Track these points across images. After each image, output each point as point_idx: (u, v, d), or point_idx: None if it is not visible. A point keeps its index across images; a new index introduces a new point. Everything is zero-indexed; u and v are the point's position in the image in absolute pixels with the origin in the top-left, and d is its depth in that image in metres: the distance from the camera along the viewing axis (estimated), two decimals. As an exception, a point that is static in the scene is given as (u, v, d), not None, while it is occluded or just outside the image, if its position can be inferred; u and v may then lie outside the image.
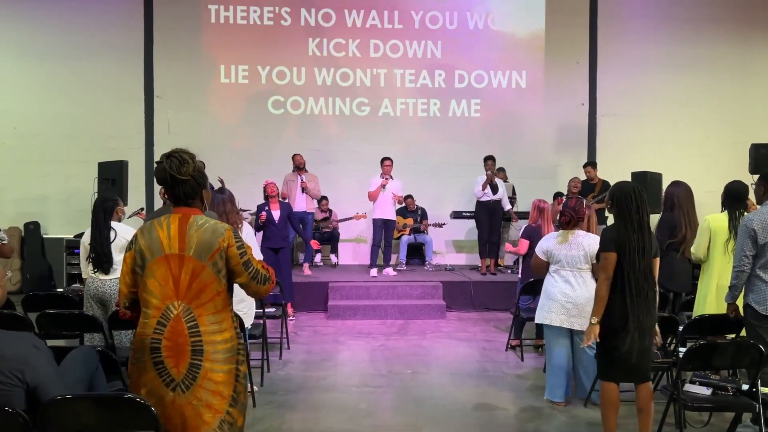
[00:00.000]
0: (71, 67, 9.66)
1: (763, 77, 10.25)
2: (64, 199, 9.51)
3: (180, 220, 2.58)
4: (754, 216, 4.04)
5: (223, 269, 2.55)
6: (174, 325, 2.49)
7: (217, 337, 2.54)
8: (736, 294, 4.12)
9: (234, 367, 2.59)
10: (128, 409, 2.50)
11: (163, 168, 2.57)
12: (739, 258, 4.04)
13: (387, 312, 7.68)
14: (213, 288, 2.54)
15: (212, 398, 2.52)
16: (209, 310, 2.53)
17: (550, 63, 10.19)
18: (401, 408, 4.69)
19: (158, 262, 2.53)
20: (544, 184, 9.71)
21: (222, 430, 2.55)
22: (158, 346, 2.49)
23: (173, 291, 2.52)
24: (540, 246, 4.82)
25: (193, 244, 2.53)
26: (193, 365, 2.49)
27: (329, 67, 10.04)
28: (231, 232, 2.59)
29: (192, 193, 2.62)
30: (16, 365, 2.46)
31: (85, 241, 4.80)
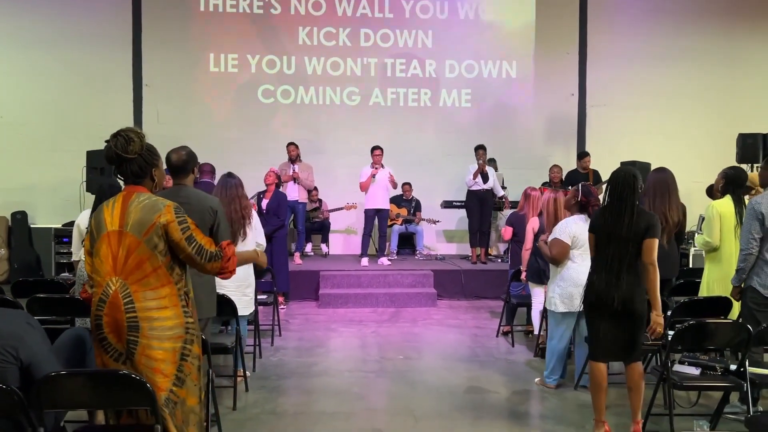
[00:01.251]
0: (58, 56, 9.55)
1: (749, 68, 10.33)
2: (52, 189, 9.42)
3: (124, 197, 2.62)
4: (762, 199, 4.08)
5: (161, 244, 2.56)
6: (112, 301, 2.54)
7: (155, 314, 2.54)
8: (743, 277, 4.16)
9: (180, 345, 2.60)
10: (123, 385, 2.49)
11: (109, 147, 2.60)
12: (747, 240, 4.08)
13: (378, 300, 7.69)
14: (149, 264, 2.55)
15: (153, 375, 2.53)
16: (146, 286, 2.55)
17: (540, 53, 10.21)
18: (394, 392, 4.71)
19: (102, 240, 2.59)
20: (534, 174, 9.69)
21: (168, 407, 2.56)
22: (100, 323, 2.55)
23: (112, 267, 2.56)
24: (564, 231, 4.60)
25: (130, 220, 2.56)
26: (129, 341, 2.53)
27: (319, 56, 10.00)
28: (171, 208, 2.60)
29: (140, 171, 2.65)
30: (9, 342, 2.45)
31: (81, 223, 4.74)
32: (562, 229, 4.65)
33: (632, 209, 3.59)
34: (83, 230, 4.71)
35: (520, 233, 6.10)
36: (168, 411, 2.55)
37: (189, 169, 3.68)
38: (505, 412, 4.31)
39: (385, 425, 4.04)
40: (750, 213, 4.08)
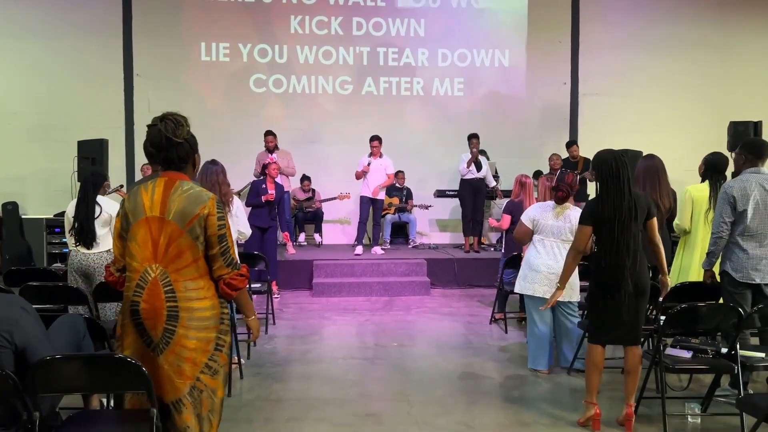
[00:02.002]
0: (49, 46, 9.47)
1: (741, 57, 10.37)
2: (44, 179, 9.37)
3: (165, 183, 2.55)
4: (734, 183, 4.12)
5: (201, 236, 2.51)
6: (152, 287, 2.48)
7: (195, 304, 2.51)
8: (713, 260, 4.20)
9: (214, 335, 2.55)
10: (118, 369, 2.49)
11: (158, 130, 2.53)
12: (718, 224, 4.11)
13: (372, 289, 7.71)
14: (190, 254, 2.50)
15: (183, 364, 2.50)
16: (187, 275, 2.50)
17: (532, 42, 10.21)
18: (388, 378, 4.73)
19: (139, 225, 2.51)
20: (527, 163, 9.71)
21: (192, 396, 2.53)
22: (137, 309, 2.49)
23: (151, 254, 2.50)
24: (527, 214, 4.86)
25: (173, 208, 2.50)
26: (167, 330, 2.48)
27: (311, 45, 9.96)
28: (214, 202, 2.55)
29: (186, 156, 2.59)
30: (4, 326, 2.44)
31: (69, 213, 4.75)
32: (526, 212, 4.93)
33: (630, 188, 3.62)
34: (71, 219, 4.72)
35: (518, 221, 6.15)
36: (192, 399, 2.51)
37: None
38: (498, 397, 4.34)
39: (380, 410, 4.06)
40: (722, 197, 4.11)
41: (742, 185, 4.07)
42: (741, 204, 4.04)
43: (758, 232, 4.06)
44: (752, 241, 4.06)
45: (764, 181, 4.08)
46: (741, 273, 4.06)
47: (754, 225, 4.05)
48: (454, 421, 3.87)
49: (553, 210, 4.74)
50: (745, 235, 4.07)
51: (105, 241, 4.65)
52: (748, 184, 4.07)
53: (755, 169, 4.14)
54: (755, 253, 4.05)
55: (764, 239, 4.06)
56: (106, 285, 4.26)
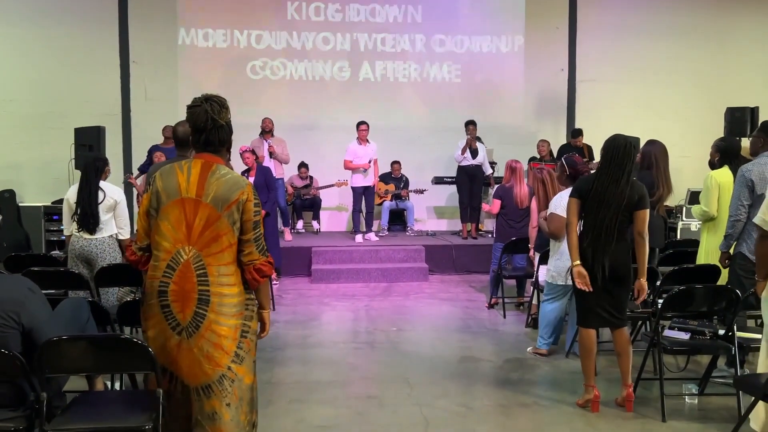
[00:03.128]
0: (45, 33, 9.40)
1: (738, 43, 10.37)
2: (40, 167, 9.33)
3: (203, 166, 2.53)
4: (752, 167, 4.14)
5: (238, 222, 2.49)
6: (183, 270, 2.45)
7: (226, 290, 2.48)
8: (731, 243, 4.23)
9: (240, 322, 2.53)
10: (125, 350, 2.52)
11: (205, 111, 2.51)
12: (736, 207, 4.13)
13: (370, 275, 7.74)
14: (226, 239, 2.48)
15: (213, 350, 2.47)
16: (220, 260, 2.48)
17: (530, 28, 10.18)
18: (388, 361, 4.77)
19: (173, 205, 2.48)
20: (523, 149, 9.70)
21: (221, 385, 2.50)
22: (165, 290, 2.45)
23: (185, 235, 2.47)
24: (560, 205, 4.58)
25: (211, 192, 2.48)
26: (197, 314, 2.45)
27: (309, 31, 9.92)
28: (251, 188, 2.55)
29: (224, 140, 2.59)
30: (11, 307, 2.46)
31: (70, 198, 4.75)
32: (557, 203, 4.69)
33: (629, 177, 3.64)
34: (72, 205, 4.72)
35: (508, 206, 6.18)
36: (220, 388, 2.49)
37: None
38: (498, 379, 4.38)
39: (380, 392, 4.10)
40: (740, 180, 4.14)
41: (760, 168, 4.10)
42: (759, 187, 4.06)
43: None
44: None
45: None
46: None
47: None
48: (454, 403, 3.91)
49: None
50: None
51: (108, 227, 4.65)
52: (766, 168, 4.10)
53: None
54: None
55: None
56: (107, 270, 4.31)
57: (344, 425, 3.58)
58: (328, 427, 3.55)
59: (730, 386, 3.92)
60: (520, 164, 6.28)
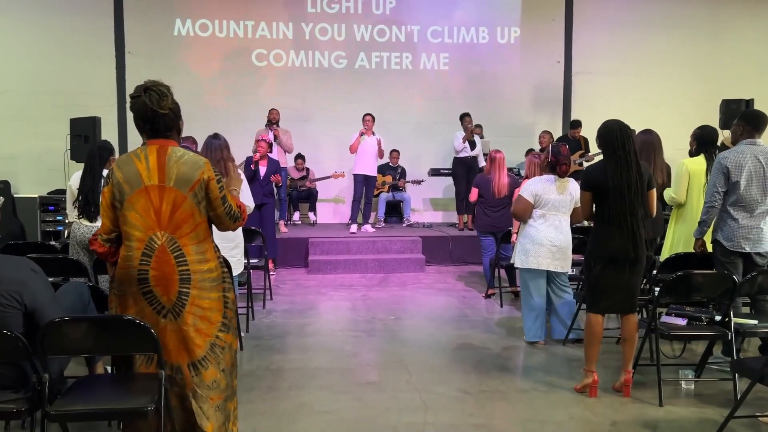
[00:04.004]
0: (38, 23, 9.36)
1: (733, 35, 10.42)
2: (36, 158, 9.30)
3: (158, 151, 2.60)
4: (728, 154, 4.17)
5: (203, 200, 2.61)
6: (160, 255, 2.55)
7: (203, 266, 2.62)
8: (705, 229, 4.26)
9: (221, 294, 2.69)
10: (128, 331, 2.52)
11: (144, 102, 2.57)
12: (711, 194, 4.17)
13: (367, 266, 7.75)
14: (194, 218, 2.60)
15: (201, 323, 2.62)
16: (192, 240, 2.60)
17: (526, 20, 10.20)
18: (387, 349, 4.79)
19: (138, 194, 2.56)
20: (520, 141, 9.80)
21: (214, 353, 2.67)
22: (146, 277, 2.54)
23: (155, 222, 2.56)
24: (528, 189, 4.78)
25: (173, 175, 2.57)
26: (181, 293, 2.57)
27: (307, 22, 9.90)
28: (209, 166, 2.64)
29: (171, 125, 2.66)
30: (14, 287, 2.46)
31: (73, 184, 4.74)
32: (526, 187, 4.85)
33: (637, 159, 3.66)
34: (74, 191, 4.71)
35: (486, 194, 6.22)
36: (214, 356, 2.67)
37: None
38: (495, 366, 4.40)
39: (380, 379, 4.12)
40: (716, 167, 4.17)
41: (737, 156, 4.13)
42: (734, 175, 4.10)
43: (750, 202, 4.12)
44: (743, 212, 4.13)
45: (759, 153, 4.13)
46: (732, 242, 4.14)
47: (746, 196, 4.11)
48: (452, 389, 3.93)
49: (555, 184, 4.75)
50: (737, 206, 4.13)
51: None
52: (743, 156, 4.13)
53: (751, 140, 4.18)
54: (746, 223, 4.12)
55: (755, 210, 4.13)
56: (105, 257, 4.30)
57: (344, 410, 3.59)
58: (328, 411, 3.57)
59: (726, 372, 3.96)
60: (501, 154, 6.30)
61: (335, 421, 3.45)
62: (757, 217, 4.13)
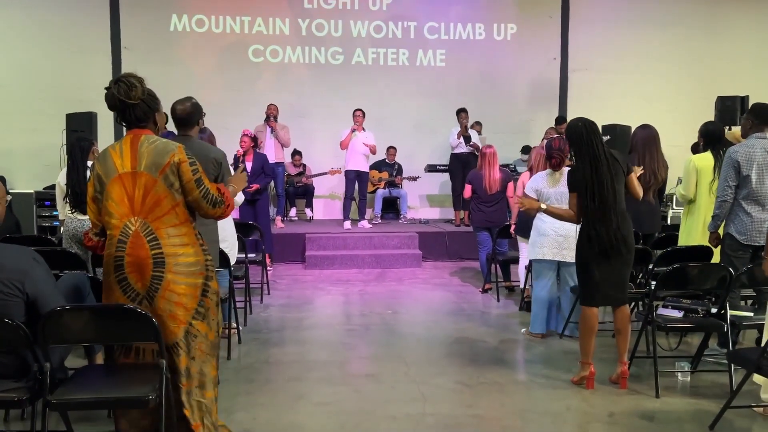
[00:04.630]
0: (35, 17, 9.32)
1: (729, 32, 10.47)
2: (32, 153, 9.26)
3: (131, 140, 2.65)
4: (739, 148, 4.20)
5: (176, 183, 2.61)
6: (134, 240, 2.57)
7: (179, 250, 2.62)
8: (719, 223, 4.29)
9: (201, 282, 2.68)
10: (129, 320, 2.52)
11: (112, 94, 2.61)
12: (723, 188, 4.20)
13: (364, 261, 7.77)
14: (168, 201, 2.60)
15: (176, 309, 2.62)
16: (167, 223, 2.61)
17: (523, 17, 10.22)
18: (385, 342, 4.81)
19: (113, 183, 2.60)
20: (516, 138, 9.82)
21: (186, 340, 2.66)
22: (121, 263, 2.58)
23: (129, 208, 2.59)
24: (530, 186, 4.90)
25: (143, 160, 2.60)
26: (155, 277, 2.58)
27: (304, 18, 9.90)
28: (182, 149, 2.65)
29: (143, 116, 2.67)
30: (15, 276, 2.46)
31: (60, 181, 4.76)
32: (529, 186, 4.96)
33: (606, 154, 3.69)
34: (63, 187, 4.71)
35: (479, 191, 6.24)
36: (185, 343, 2.65)
37: (194, 121, 3.78)
38: (493, 359, 4.42)
39: (378, 371, 4.13)
40: (727, 161, 4.20)
41: (747, 150, 4.15)
42: (745, 169, 4.12)
43: (762, 196, 4.16)
44: (756, 205, 4.17)
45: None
46: (745, 236, 4.17)
47: (758, 189, 4.14)
48: (451, 380, 3.95)
49: (550, 177, 4.79)
50: (749, 199, 4.16)
51: None
52: (753, 150, 4.16)
53: (761, 134, 4.20)
54: (759, 216, 4.16)
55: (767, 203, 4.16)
56: (103, 250, 4.30)
57: (343, 401, 3.61)
58: (327, 403, 3.58)
59: (722, 364, 3.98)
60: (492, 149, 6.31)
61: (334, 412, 3.47)
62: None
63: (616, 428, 3.31)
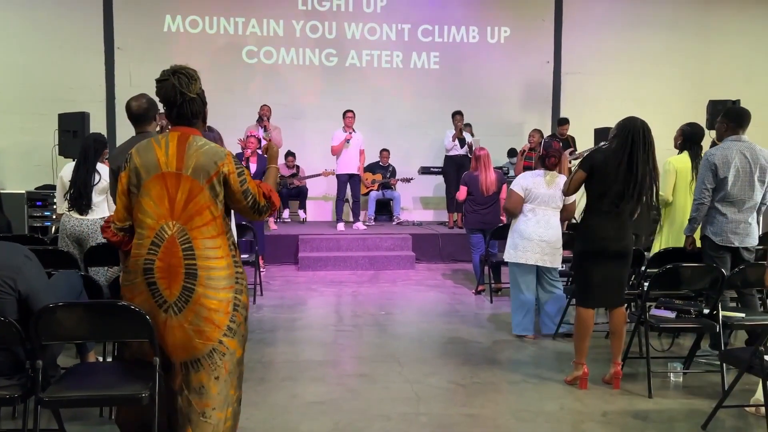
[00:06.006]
0: (26, 16, 9.27)
1: (720, 36, 10.55)
2: (23, 153, 9.21)
3: (179, 138, 2.47)
4: (716, 151, 4.23)
5: (221, 194, 2.46)
6: (168, 246, 2.40)
7: (213, 263, 2.44)
8: (695, 226, 4.31)
9: (232, 296, 2.49)
10: (122, 317, 2.49)
11: (172, 85, 2.44)
12: (700, 191, 4.22)
13: (357, 263, 7.76)
14: (210, 212, 2.45)
15: (204, 325, 2.43)
16: (205, 234, 2.44)
17: (516, 20, 10.26)
18: (378, 342, 4.81)
19: (154, 180, 2.43)
20: (509, 141, 9.85)
21: (211, 358, 2.46)
22: (151, 267, 2.41)
23: (168, 210, 2.42)
24: (519, 183, 4.84)
25: (191, 164, 2.43)
26: (186, 288, 2.41)
27: (298, 19, 9.90)
28: (231, 158, 2.49)
29: (198, 111, 2.53)
30: (8, 273, 2.45)
31: (64, 176, 4.70)
32: (517, 182, 4.88)
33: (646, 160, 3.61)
34: (66, 183, 4.67)
35: (475, 193, 6.26)
36: (210, 362, 2.45)
37: (150, 117, 3.73)
38: (486, 359, 4.43)
39: (372, 371, 4.13)
40: (704, 164, 4.22)
41: (724, 153, 4.18)
42: (722, 171, 4.15)
43: (738, 198, 4.19)
44: (732, 207, 4.19)
45: (745, 149, 4.19)
46: (721, 237, 4.19)
47: (734, 191, 4.17)
48: (444, 380, 3.96)
49: (544, 178, 4.80)
50: (725, 201, 4.19)
51: (100, 209, 4.58)
52: (730, 152, 4.18)
53: (736, 137, 4.24)
54: (734, 217, 4.18)
55: (743, 205, 4.19)
56: (96, 249, 4.28)
57: (337, 401, 3.60)
58: (321, 402, 3.57)
59: (714, 365, 4.01)
60: (485, 151, 6.33)
61: (328, 411, 3.46)
62: (745, 212, 4.19)
63: (609, 428, 3.33)
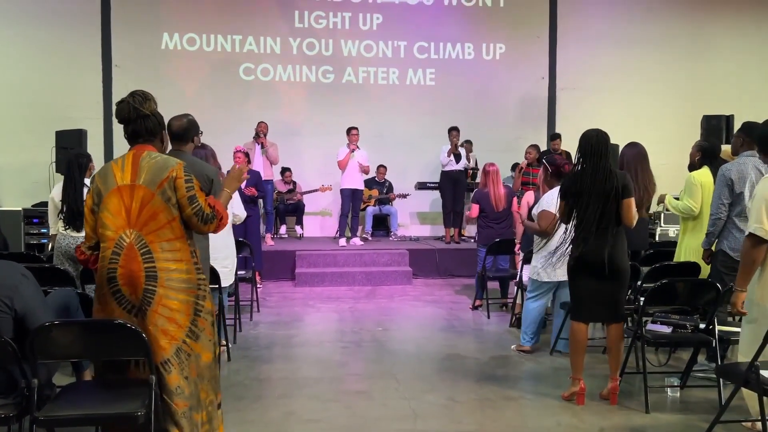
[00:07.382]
0: (25, 34, 9.32)
1: (714, 52, 10.64)
2: (20, 170, 9.20)
3: (134, 154, 2.67)
4: (732, 166, 4.26)
5: (173, 198, 2.62)
6: (127, 252, 2.56)
7: (172, 265, 2.61)
8: (713, 240, 4.33)
9: (193, 300, 2.65)
10: (118, 335, 2.51)
11: (127, 103, 2.66)
12: (717, 206, 4.25)
13: (354, 278, 7.76)
14: (164, 216, 2.60)
15: (168, 324, 2.59)
16: (162, 237, 2.60)
17: (511, 37, 10.35)
18: (375, 359, 4.80)
19: (111, 195, 2.61)
20: (505, 156, 9.84)
21: (179, 357, 2.62)
22: (114, 275, 2.56)
23: (125, 220, 2.58)
24: (551, 203, 4.60)
25: (143, 174, 2.61)
26: (147, 290, 2.56)
27: (295, 37, 9.98)
28: (182, 166, 2.67)
29: (154, 129, 2.71)
30: (4, 292, 2.45)
31: (55, 196, 4.72)
32: (549, 201, 4.74)
33: (609, 166, 3.71)
34: (58, 203, 4.69)
35: (486, 209, 6.26)
36: (179, 361, 2.61)
37: (189, 137, 3.76)
38: (483, 375, 4.42)
39: (369, 387, 4.12)
40: (720, 179, 4.25)
41: (740, 168, 4.21)
42: (738, 186, 4.18)
43: None
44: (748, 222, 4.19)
45: (760, 164, 4.20)
46: (738, 252, 4.19)
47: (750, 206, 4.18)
48: (441, 396, 3.94)
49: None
50: (742, 216, 4.19)
51: None
52: (745, 167, 4.22)
53: (752, 152, 4.25)
54: None
55: None
56: (93, 267, 4.27)
57: (334, 418, 3.59)
58: (318, 420, 3.56)
59: (711, 380, 4.01)
60: (494, 167, 6.34)
61: (325, 428, 3.45)
62: None
63: (606, 444, 3.32)
